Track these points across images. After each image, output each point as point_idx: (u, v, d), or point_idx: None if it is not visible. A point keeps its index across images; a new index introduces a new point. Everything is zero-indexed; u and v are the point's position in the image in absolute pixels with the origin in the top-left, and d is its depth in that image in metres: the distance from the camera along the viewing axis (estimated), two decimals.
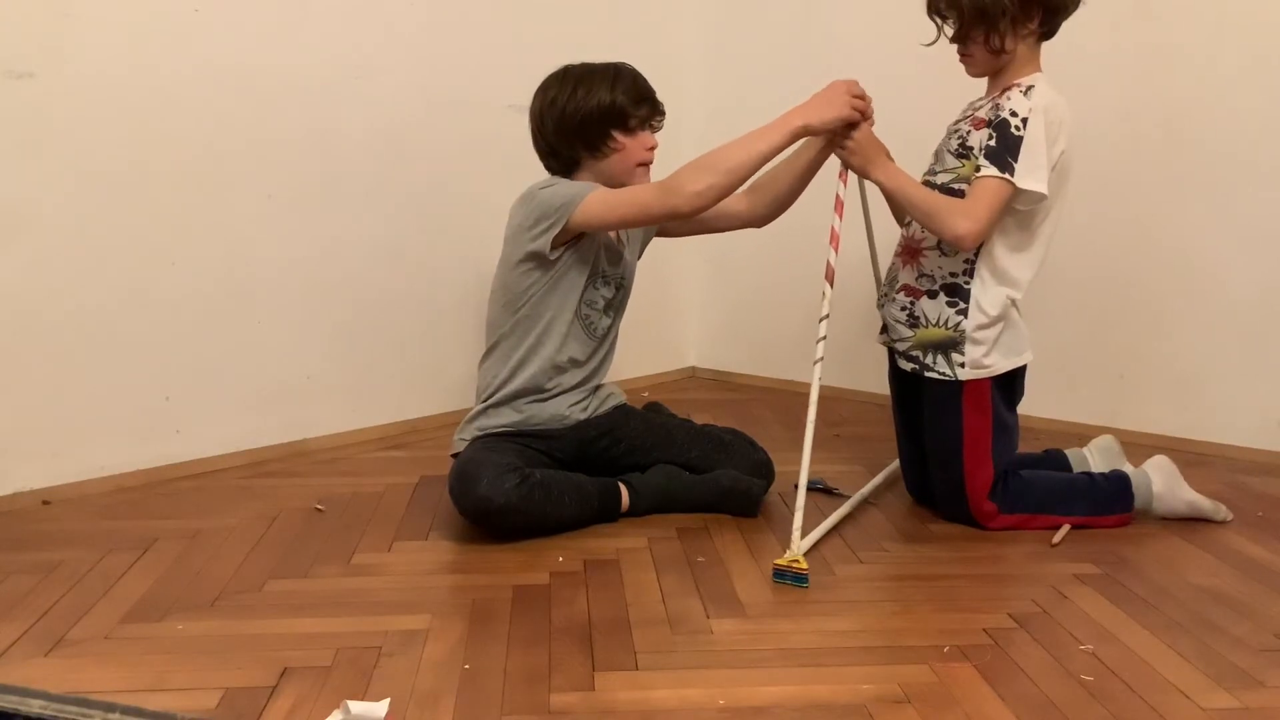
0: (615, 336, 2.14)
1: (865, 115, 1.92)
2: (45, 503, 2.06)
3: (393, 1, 2.48)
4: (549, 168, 2.07)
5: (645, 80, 2.04)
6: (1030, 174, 1.84)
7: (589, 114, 1.98)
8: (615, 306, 2.11)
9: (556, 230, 1.92)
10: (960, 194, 1.91)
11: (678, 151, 3.15)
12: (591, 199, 1.92)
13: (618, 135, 2.00)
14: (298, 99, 2.34)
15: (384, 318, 2.55)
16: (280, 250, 2.35)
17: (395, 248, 2.52)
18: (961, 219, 1.85)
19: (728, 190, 1.90)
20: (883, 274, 2.18)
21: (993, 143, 1.86)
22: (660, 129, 2.08)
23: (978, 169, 1.87)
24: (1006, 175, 1.84)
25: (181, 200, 2.20)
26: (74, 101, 2.04)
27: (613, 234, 2.07)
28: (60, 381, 2.08)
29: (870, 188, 2.05)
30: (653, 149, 2.06)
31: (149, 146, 2.14)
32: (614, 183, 2.03)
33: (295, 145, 2.35)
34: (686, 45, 3.15)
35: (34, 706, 1.16)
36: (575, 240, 1.98)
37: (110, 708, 1.17)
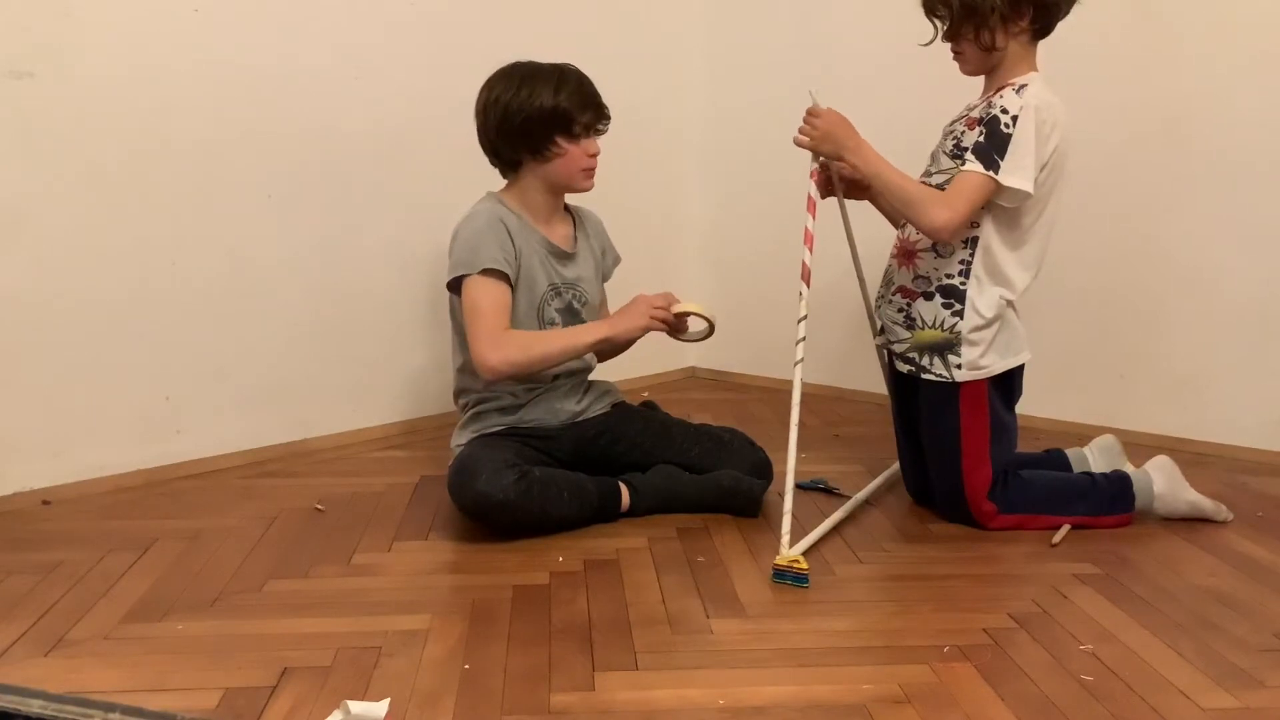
0: None
1: (667, 324, 2.01)
2: (45, 503, 2.06)
3: (394, 1, 2.48)
4: (493, 164, 2.06)
5: (591, 85, 2.02)
6: (1015, 172, 1.84)
7: (532, 116, 1.96)
8: (575, 315, 2.09)
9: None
10: None
11: (680, 151, 3.18)
12: (469, 288, 1.94)
13: (561, 140, 1.98)
14: (298, 99, 2.34)
15: (384, 317, 2.55)
16: (280, 250, 2.35)
17: (396, 247, 2.52)
18: (940, 209, 1.86)
19: (528, 372, 1.99)
20: (866, 275, 2.19)
21: (982, 139, 1.86)
22: (604, 133, 2.04)
23: (964, 163, 1.87)
24: (990, 172, 1.84)
25: (181, 200, 2.20)
26: (74, 101, 2.04)
27: (555, 239, 2.07)
28: (60, 381, 2.08)
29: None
30: (595, 155, 2.03)
31: (149, 146, 2.14)
32: (557, 185, 2.05)
33: (295, 145, 2.35)
34: (687, 45, 3.15)
35: (34, 706, 1.16)
36: None
37: (110, 708, 1.17)
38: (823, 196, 1.99)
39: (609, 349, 2.13)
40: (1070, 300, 2.62)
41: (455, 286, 1.99)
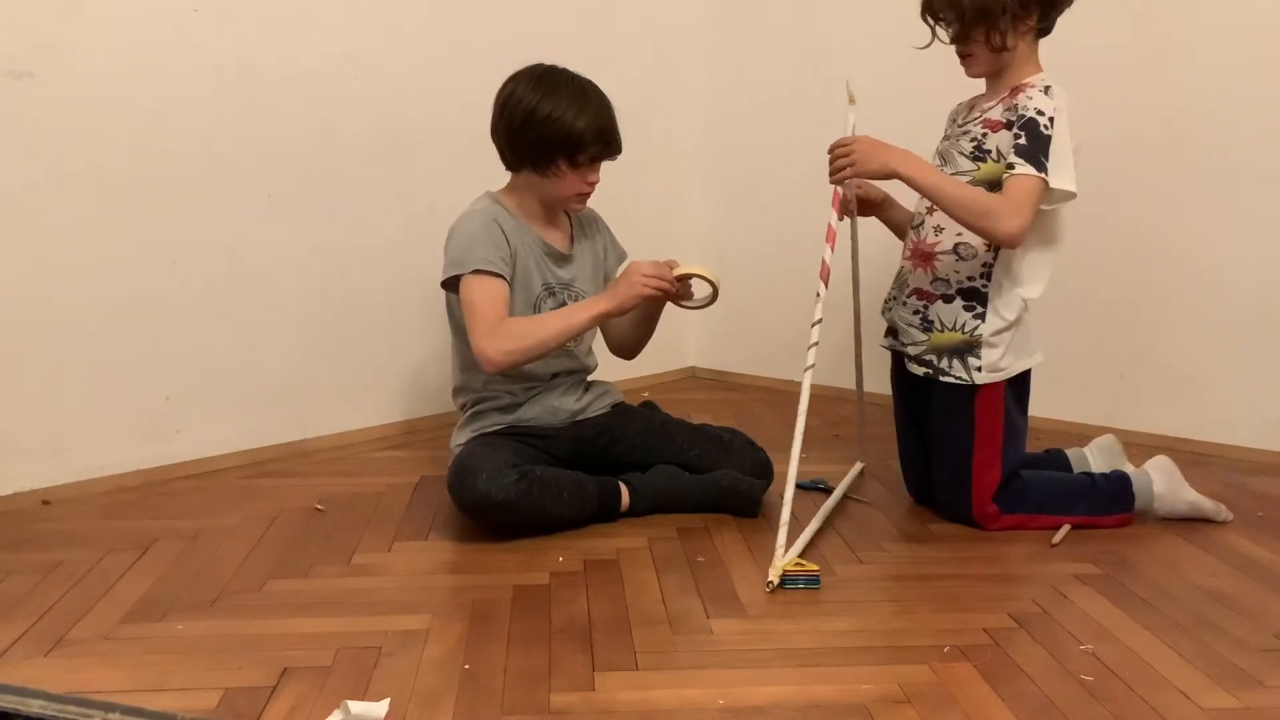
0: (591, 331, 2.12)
1: (665, 292, 1.95)
2: (45, 503, 2.06)
3: (393, 1, 2.48)
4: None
5: (611, 114, 1.98)
6: (1060, 173, 1.83)
7: (543, 133, 1.93)
8: None
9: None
10: None
11: (680, 151, 3.18)
12: (465, 288, 1.93)
13: (563, 164, 1.96)
14: (298, 98, 2.34)
15: (384, 317, 2.55)
16: (280, 250, 2.35)
17: (396, 247, 2.52)
18: (1012, 217, 1.82)
19: (529, 358, 1.94)
20: (862, 276, 2.19)
21: (1023, 141, 1.84)
22: (613, 161, 2.02)
23: (1010, 167, 1.84)
24: (1042, 174, 1.82)
25: (181, 200, 2.20)
26: (74, 101, 2.04)
27: (552, 240, 2.06)
28: (60, 381, 2.08)
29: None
30: (593, 184, 2.02)
31: (149, 146, 2.14)
32: (548, 201, 2.04)
33: (295, 145, 2.35)
34: (687, 45, 3.15)
35: (34, 706, 1.16)
36: None
37: (110, 708, 1.17)
38: (840, 219, 1.97)
39: (629, 335, 2.13)
40: (1070, 300, 2.61)
41: (450, 285, 1.99)
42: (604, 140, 1.97)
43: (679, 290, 1.99)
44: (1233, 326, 2.49)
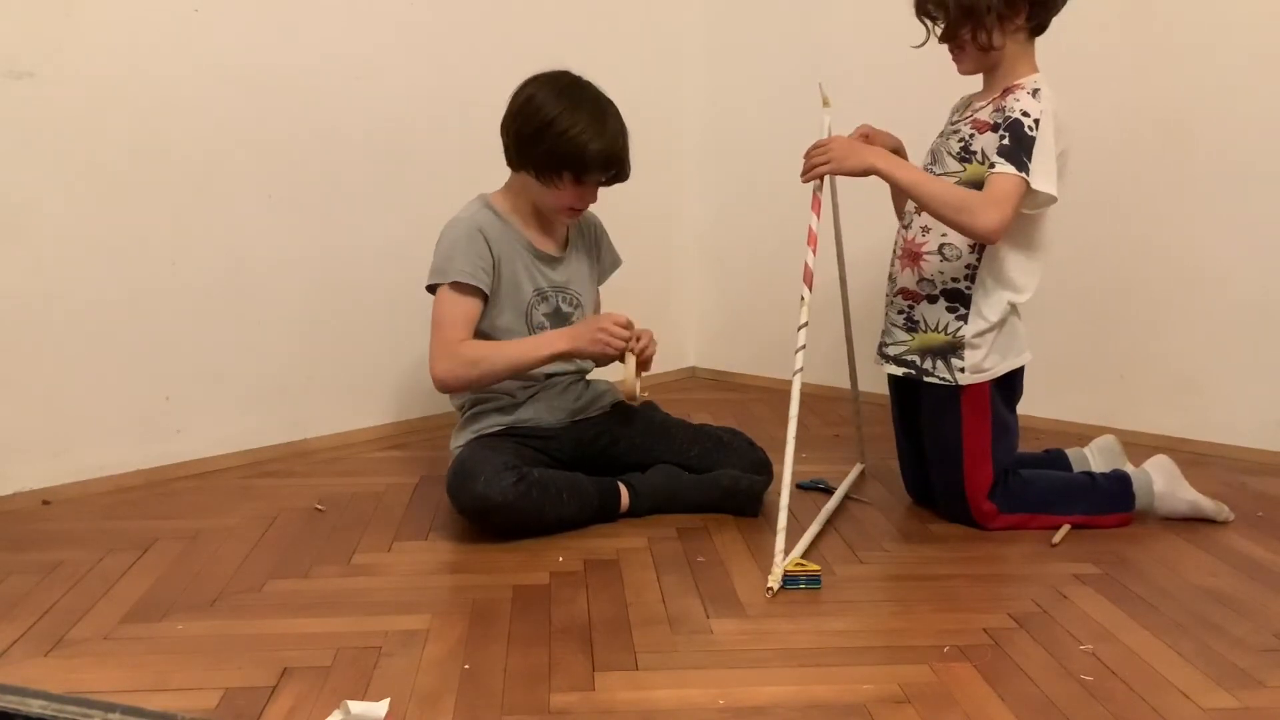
0: None
1: (632, 351, 1.94)
2: (45, 503, 2.06)
3: (394, 1, 2.48)
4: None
5: (625, 139, 1.98)
6: (1041, 175, 1.83)
7: (555, 147, 1.92)
8: (564, 318, 2.09)
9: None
10: None
11: (680, 151, 3.18)
12: (436, 300, 1.97)
13: (567, 178, 1.96)
14: (298, 99, 2.34)
15: (384, 318, 2.55)
16: (280, 250, 2.35)
17: (396, 247, 2.52)
18: (992, 211, 1.82)
19: (478, 385, 2.01)
20: (849, 277, 2.19)
21: (1006, 142, 1.84)
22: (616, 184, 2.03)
23: (992, 166, 1.85)
24: (1023, 174, 1.83)
25: (181, 200, 2.20)
26: (74, 101, 2.04)
27: (543, 243, 2.07)
28: (60, 381, 2.08)
29: (842, 190, 2.03)
30: (589, 203, 2.03)
31: (149, 146, 2.14)
32: (541, 206, 2.03)
33: (295, 145, 2.35)
34: (687, 45, 3.15)
35: (34, 706, 1.16)
36: None
37: (110, 708, 1.17)
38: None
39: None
40: (1070, 300, 2.62)
41: (434, 291, 2.01)
42: (613, 167, 1.98)
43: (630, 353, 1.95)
44: (1233, 326, 2.49)
